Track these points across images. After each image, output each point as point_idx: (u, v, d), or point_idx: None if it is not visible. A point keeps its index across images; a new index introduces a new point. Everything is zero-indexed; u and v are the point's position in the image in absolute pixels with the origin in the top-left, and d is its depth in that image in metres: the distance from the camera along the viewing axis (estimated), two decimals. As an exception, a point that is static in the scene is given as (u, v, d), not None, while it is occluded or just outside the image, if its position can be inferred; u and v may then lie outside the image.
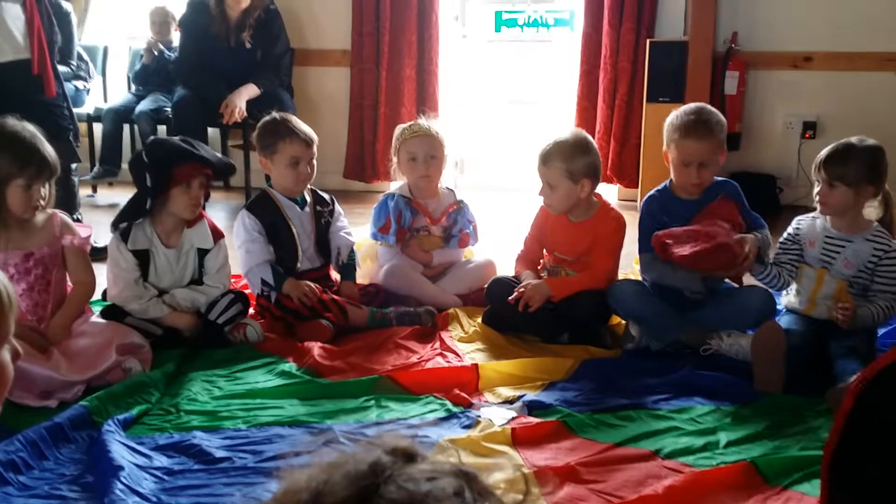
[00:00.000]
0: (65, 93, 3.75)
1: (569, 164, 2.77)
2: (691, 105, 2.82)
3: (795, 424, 2.19)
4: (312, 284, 2.92)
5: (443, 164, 3.26)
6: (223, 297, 2.78)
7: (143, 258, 2.71)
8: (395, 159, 3.28)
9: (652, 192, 2.87)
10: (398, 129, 3.30)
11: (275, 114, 3.05)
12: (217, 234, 2.83)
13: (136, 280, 2.69)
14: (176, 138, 2.76)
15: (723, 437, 2.11)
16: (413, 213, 3.23)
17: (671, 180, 2.82)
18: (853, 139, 2.55)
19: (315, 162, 3.02)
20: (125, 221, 2.71)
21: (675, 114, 2.78)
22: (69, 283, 2.65)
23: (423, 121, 3.27)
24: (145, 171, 2.66)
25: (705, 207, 2.74)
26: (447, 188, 3.38)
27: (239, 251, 2.95)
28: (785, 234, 2.72)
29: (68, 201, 3.61)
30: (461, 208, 3.32)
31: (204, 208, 2.83)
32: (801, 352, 2.46)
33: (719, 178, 2.82)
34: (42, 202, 2.48)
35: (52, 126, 3.29)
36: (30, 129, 2.49)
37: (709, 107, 2.83)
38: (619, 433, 2.12)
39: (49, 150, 2.49)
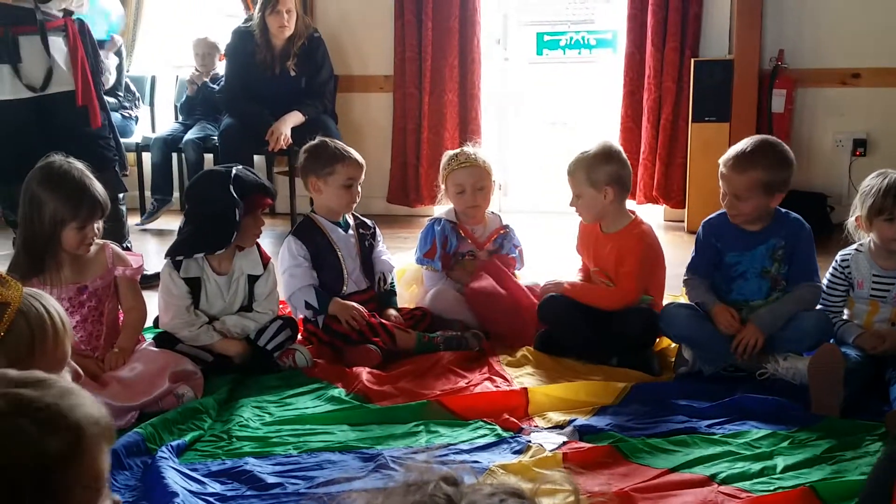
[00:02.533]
0: (111, 123, 3.79)
1: (590, 172, 2.81)
2: (756, 137, 2.75)
3: (854, 448, 2.14)
4: (359, 306, 2.93)
5: (491, 193, 3.25)
6: (272, 324, 2.80)
7: (194, 286, 2.74)
8: (442, 187, 3.29)
9: (711, 216, 2.83)
10: (445, 157, 3.30)
11: (320, 138, 3.08)
12: (265, 260, 2.85)
13: (187, 307, 2.72)
14: (240, 168, 2.77)
15: (780, 462, 2.07)
16: (459, 239, 3.23)
17: None
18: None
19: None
20: (185, 254, 2.72)
21: (734, 150, 2.72)
22: (120, 312, 2.69)
23: (469, 148, 3.26)
24: (233, 206, 2.64)
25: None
26: (493, 212, 3.38)
27: (283, 276, 2.97)
28: (831, 272, 2.70)
29: (117, 231, 3.64)
30: (507, 233, 3.32)
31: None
32: (858, 374, 2.41)
33: (792, 215, 2.74)
34: (95, 239, 2.53)
35: (97, 157, 3.34)
36: (77, 167, 2.51)
37: (772, 142, 2.74)
38: (674, 458, 2.09)
39: (98, 188, 2.52)
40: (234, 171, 2.70)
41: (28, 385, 0.95)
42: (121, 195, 3.79)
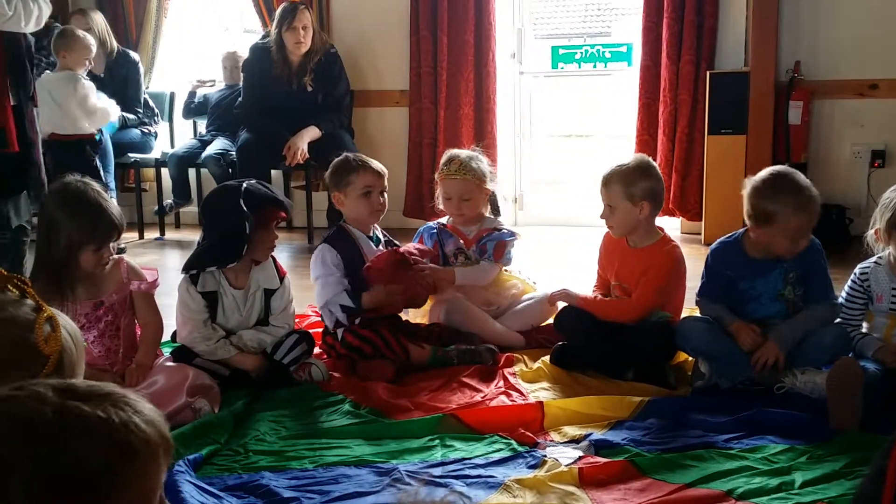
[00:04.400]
0: (31, 147, 3.35)
1: (628, 185, 2.79)
2: (776, 171, 2.67)
3: (873, 463, 2.11)
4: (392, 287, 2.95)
5: (479, 203, 3.29)
6: (288, 338, 2.81)
7: (211, 300, 2.76)
8: (437, 186, 3.34)
9: (720, 242, 2.80)
10: (443, 157, 3.36)
11: (346, 154, 3.13)
12: (281, 274, 2.87)
13: (204, 321, 2.73)
14: (252, 182, 2.78)
15: (798, 477, 2.05)
16: (448, 237, 3.29)
17: (746, 234, 2.71)
18: None
19: (386, 195, 3.08)
20: (198, 268, 2.74)
21: (769, 185, 2.60)
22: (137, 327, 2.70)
23: (465, 154, 3.29)
24: (242, 220, 2.65)
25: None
26: (491, 216, 3.39)
27: (316, 284, 2.99)
28: (850, 285, 2.68)
29: (15, 261, 3.38)
30: (498, 230, 3.33)
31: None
32: (877, 388, 2.38)
33: None
34: (113, 257, 2.55)
35: (14, 181, 3.21)
36: (94, 188, 2.52)
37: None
38: (690, 473, 2.07)
39: (114, 208, 2.53)
40: (244, 185, 2.71)
41: (82, 397, 0.92)
42: (28, 227, 3.42)
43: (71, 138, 4.66)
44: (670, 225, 5.16)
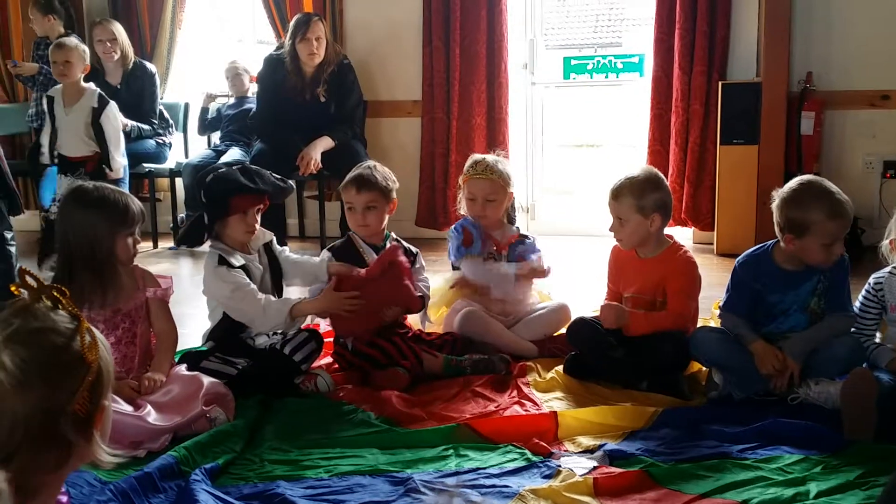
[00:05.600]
0: None
1: (639, 198, 2.78)
2: (806, 179, 2.68)
3: (887, 473, 2.10)
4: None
5: (503, 206, 3.31)
6: (298, 334, 2.83)
7: (246, 272, 2.85)
8: (461, 188, 3.35)
9: (749, 254, 2.77)
10: (469, 160, 3.37)
11: (366, 163, 3.17)
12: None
13: (254, 290, 2.80)
14: (236, 169, 2.88)
15: (813, 488, 2.04)
16: (483, 239, 3.29)
17: (776, 246, 2.70)
18: None
19: (377, 211, 3.06)
20: (187, 244, 2.98)
21: (801, 194, 2.60)
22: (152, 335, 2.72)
23: (492, 158, 3.32)
24: (205, 208, 2.84)
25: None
26: (509, 222, 3.40)
27: (308, 290, 3.09)
28: (864, 295, 2.68)
29: (7, 271, 3.48)
30: (524, 240, 3.35)
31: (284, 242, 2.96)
32: (891, 399, 2.38)
33: None
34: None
35: None
36: (102, 184, 2.62)
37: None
38: (705, 484, 2.07)
39: (130, 196, 2.62)
40: (211, 176, 2.84)
41: None
42: (8, 235, 3.55)
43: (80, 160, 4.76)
44: (682, 235, 5.15)
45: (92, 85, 4.90)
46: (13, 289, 1.21)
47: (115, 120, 4.84)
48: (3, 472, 1.09)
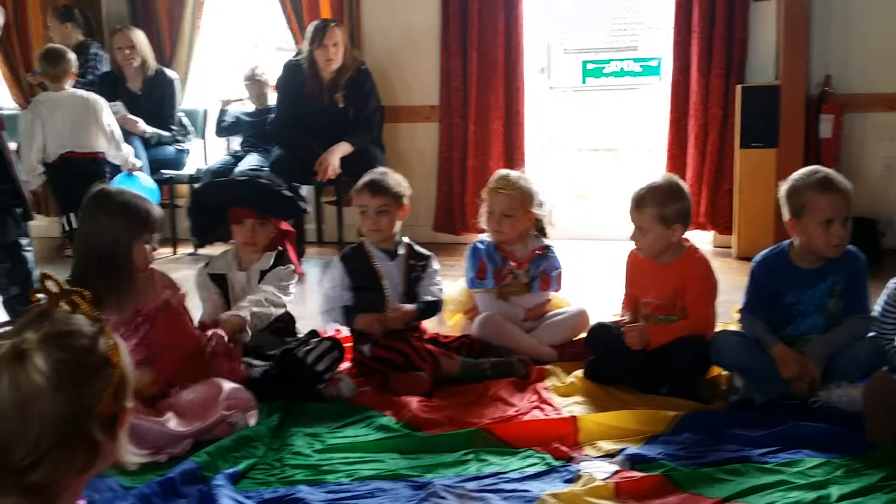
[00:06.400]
0: (5, 168, 3.43)
1: (662, 208, 2.76)
2: (809, 168, 2.70)
3: (911, 477, 2.10)
4: (383, 316, 3.00)
5: (521, 223, 3.26)
6: (320, 343, 2.83)
7: (219, 281, 3.01)
8: (483, 202, 3.34)
9: (766, 254, 2.77)
10: (494, 175, 3.37)
11: (378, 169, 3.20)
12: (284, 262, 3.04)
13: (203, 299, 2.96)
14: (241, 178, 2.96)
15: (835, 491, 2.03)
16: (501, 259, 3.26)
17: (791, 245, 2.71)
18: None
19: (388, 215, 3.07)
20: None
21: (799, 177, 2.64)
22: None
23: (515, 175, 3.30)
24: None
25: None
26: (535, 233, 3.38)
27: (320, 295, 3.13)
28: (885, 299, 2.66)
29: (25, 277, 3.50)
30: (547, 254, 3.33)
31: (301, 260, 2.97)
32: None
33: (849, 248, 2.68)
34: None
35: None
36: (125, 190, 2.68)
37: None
38: (727, 488, 2.07)
39: (152, 202, 2.65)
40: (203, 184, 2.92)
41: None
42: (24, 241, 3.54)
43: (86, 156, 4.81)
44: (701, 238, 5.15)
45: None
46: (32, 295, 1.23)
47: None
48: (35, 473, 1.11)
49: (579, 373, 2.88)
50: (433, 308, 3.12)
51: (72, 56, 4.93)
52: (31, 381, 1.10)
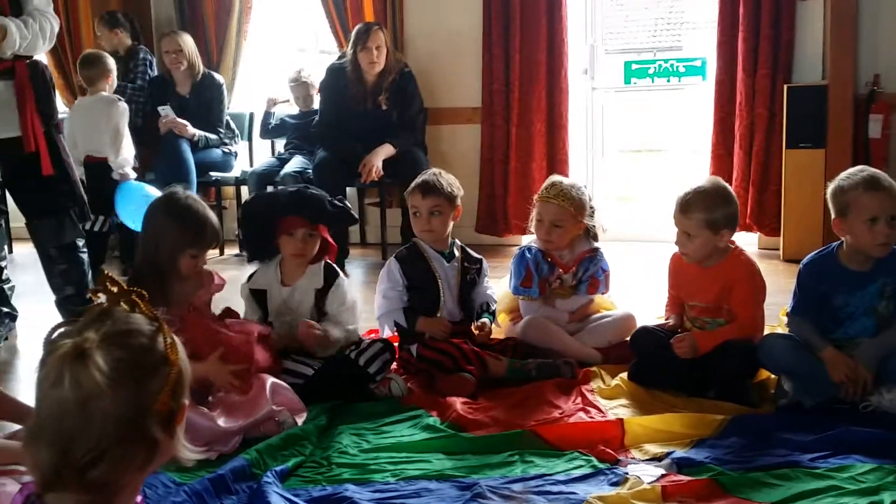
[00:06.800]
0: (66, 169, 3.55)
1: (710, 213, 2.72)
2: (856, 167, 2.67)
3: (966, 484, 2.06)
4: (445, 319, 3.02)
5: (570, 233, 3.23)
6: (372, 345, 2.86)
7: (260, 297, 2.97)
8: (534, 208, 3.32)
9: (813, 255, 2.74)
10: (546, 181, 3.35)
11: (431, 170, 3.21)
12: (331, 275, 2.96)
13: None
14: (290, 189, 2.98)
15: (887, 498, 2.00)
16: (548, 267, 3.25)
17: (840, 246, 2.67)
18: None
19: (442, 216, 3.09)
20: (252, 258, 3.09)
21: (844, 176, 2.62)
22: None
23: (567, 182, 3.27)
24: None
25: None
26: (591, 241, 3.36)
27: (377, 296, 3.11)
28: None
29: (77, 276, 3.57)
30: (595, 256, 3.31)
31: (343, 265, 2.96)
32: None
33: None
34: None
35: (48, 203, 3.40)
36: (194, 197, 2.68)
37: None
38: (776, 492, 2.05)
39: (214, 218, 2.68)
40: (254, 195, 2.92)
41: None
42: (80, 242, 3.63)
43: (97, 161, 4.85)
44: (748, 240, 5.10)
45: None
46: (90, 294, 1.26)
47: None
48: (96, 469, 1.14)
49: (624, 375, 2.86)
50: (494, 315, 3.16)
51: (109, 60, 5.01)
52: (93, 379, 1.13)
